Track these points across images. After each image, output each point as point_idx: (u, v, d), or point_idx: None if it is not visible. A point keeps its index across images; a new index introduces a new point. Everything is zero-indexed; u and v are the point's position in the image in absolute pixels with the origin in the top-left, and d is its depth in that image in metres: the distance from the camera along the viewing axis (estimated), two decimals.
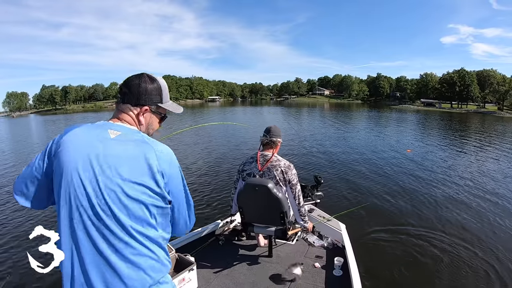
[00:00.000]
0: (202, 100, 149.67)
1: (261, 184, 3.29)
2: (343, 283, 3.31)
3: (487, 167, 13.26)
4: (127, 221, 1.38)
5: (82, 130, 1.49)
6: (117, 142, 1.45)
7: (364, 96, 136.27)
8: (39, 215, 8.10)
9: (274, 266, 3.72)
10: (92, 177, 1.38)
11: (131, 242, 1.39)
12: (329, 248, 4.17)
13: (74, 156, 1.40)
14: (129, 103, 1.59)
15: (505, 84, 76.76)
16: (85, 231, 1.36)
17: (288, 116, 50.19)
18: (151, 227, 1.45)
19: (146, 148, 1.47)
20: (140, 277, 1.41)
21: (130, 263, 1.39)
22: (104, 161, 1.40)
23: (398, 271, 5.29)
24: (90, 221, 1.36)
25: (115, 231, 1.37)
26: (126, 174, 1.39)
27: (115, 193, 1.37)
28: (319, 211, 4.96)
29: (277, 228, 3.56)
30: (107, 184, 1.37)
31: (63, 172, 1.40)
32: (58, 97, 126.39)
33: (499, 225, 7.19)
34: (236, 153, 16.23)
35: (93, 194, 1.37)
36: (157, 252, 1.48)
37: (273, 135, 3.66)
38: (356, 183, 10.34)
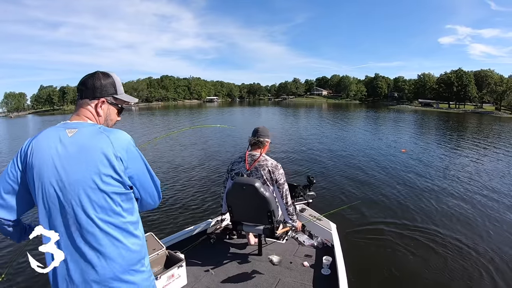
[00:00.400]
0: (200, 100, 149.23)
1: (249, 183, 3.33)
2: (330, 282, 3.34)
3: (483, 167, 13.34)
4: (93, 212, 1.46)
5: (43, 135, 1.58)
6: (74, 139, 1.53)
7: (362, 97, 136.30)
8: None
9: (263, 264, 3.76)
10: (57, 179, 1.47)
11: (97, 233, 1.47)
12: (319, 247, 4.21)
13: (39, 162, 1.50)
14: (87, 98, 1.70)
15: (503, 84, 76.77)
16: (61, 229, 1.47)
17: (286, 116, 50.17)
18: (116, 214, 1.53)
19: (101, 139, 1.53)
20: (109, 265, 1.49)
21: (99, 253, 1.47)
22: (64, 160, 1.49)
23: (386, 270, 5.33)
24: (64, 219, 1.47)
25: (84, 224, 1.45)
26: (84, 169, 1.47)
27: (78, 189, 1.46)
28: (310, 211, 4.98)
29: (265, 227, 3.59)
30: (70, 182, 1.46)
31: (34, 178, 1.50)
32: (56, 98, 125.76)
33: (494, 224, 7.24)
34: (228, 153, 16.29)
35: (61, 194, 1.46)
36: (124, 241, 1.54)
37: (261, 135, 3.71)
38: (350, 183, 10.40)
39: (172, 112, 64.87)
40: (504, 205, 8.49)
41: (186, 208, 8.05)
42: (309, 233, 4.58)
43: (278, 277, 3.47)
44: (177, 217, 7.57)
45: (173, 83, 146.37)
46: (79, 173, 1.47)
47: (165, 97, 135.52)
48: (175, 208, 8.09)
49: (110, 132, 1.59)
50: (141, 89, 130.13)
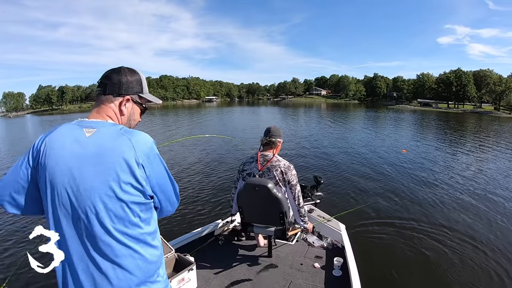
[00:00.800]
0: (199, 100, 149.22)
1: (261, 184, 3.28)
2: (342, 284, 3.30)
3: (485, 166, 13.34)
4: (109, 222, 1.36)
5: (58, 133, 1.47)
6: (92, 141, 1.42)
7: (361, 96, 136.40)
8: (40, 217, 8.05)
9: (274, 266, 3.72)
10: (72, 183, 1.37)
11: (114, 244, 1.37)
12: (329, 248, 4.17)
13: (52, 162, 1.39)
14: (111, 94, 1.58)
15: (502, 84, 76.79)
16: (73, 236, 1.36)
17: (286, 116, 50.16)
18: (134, 225, 1.42)
19: (122, 142, 1.42)
20: (126, 277, 1.40)
21: (116, 264, 1.37)
22: (80, 163, 1.38)
23: (398, 271, 5.29)
24: (76, 227, 1.36)
25: (98, 233, 1.35)
26: (102, 174, 1.37)
27: (94, 196, 1.35)
28: (319, 212, 4.96)
29: (276, 228, 3.55)
30: (85, 187, 1.36)
31: (46, 179, 1.39)
32: (55, 97, 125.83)
33: (503, 224, 7.21)
34: (236, 153, 16.20)
35: (75, 200, 1.36)
36: (142, 252, 1.44)
37: (273, 135, 3.66)
38: (356, 184, 10.35)
39: (171, 112, 64.80)
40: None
41: (193, 209, 8.00)
42: (318, 234, 4.54)
43: (290, 279, 3.43)
44: (183, 219, 7.52)
45: (172, 83, 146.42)
46: (96, 179, 1.36)
47: (164, 97, 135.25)
48: (182, 209, 8.01)
49: (132, 134, 1.46)
50: None
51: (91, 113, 1.60)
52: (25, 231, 7.27)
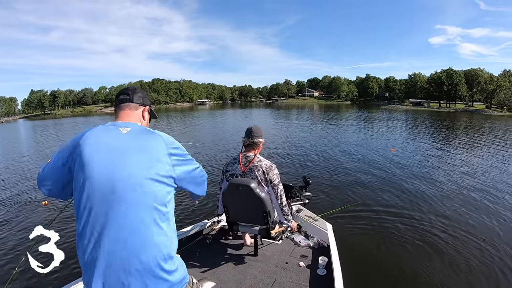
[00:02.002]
0: (192, 103, 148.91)
1: (244, 184, 3.33)
2: (326, 282, 3.32)
3: (475, 164, 13.40)
4: (150, 202, 1.57)
5: (97, 130, 1.72)
6: (130, 136, 1.70)
7: (353, 97, 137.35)
8: (38, 215, 8.23)
9: (259, 264, 3.74)
10: (113, 170, 1.56)
11: (150, 222, 1.56)
12: (315, 247, 4.21)
13: (94, 153, 1.59)
14: (137, 103, 1.97)
15: (493, 82, 77.70)
16: (108, 221, 1.51)
17: (278, 118, 50.30)
18: (163, 206, 1.64)
19: (155, 137, 1.73)
20: (154, 254, 1.55)
21: (145, 242, 1.54)
22: (121, 154, 1.61)
23: (383, 270, 5.31)
24: (111, 211, 1.51)
25: (133, 215, 1.53)
26: (145, 163, 1.61)
27: (138, 179, 1.56)
28: (306, 211, 5.01)
29: (261, 227, 3.60)
30: (130, 173, 1.56)
31: (85, 169, 1.55)
32: (47, 102, 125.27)
33: (492, 221, 7.22)
34: (223, 153, 16.20)
35: (116, 184, 1.54)
36: (166, 230, 1.65)
37: (255, 136, 3.67)
38: (344, 183, 10.38)
39: (164, 115, 64.70)
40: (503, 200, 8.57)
41: (182, 208, 7.91)
42: (305, 233, 4.57)
43: (274, 277, 3.45)
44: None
45: (164, 86, 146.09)
46: (139, 166, 1.59)
47: (156, 100, 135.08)
48: None
49: (159, 132, 1.79)
50: None
51: (119, 117, 1.93)
52: (25, 231, 7.30)
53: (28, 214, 8.35)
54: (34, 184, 11.62)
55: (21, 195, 10.41)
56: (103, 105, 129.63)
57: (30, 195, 10.22)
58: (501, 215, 7.53)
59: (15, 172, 14.48)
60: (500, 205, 8.17)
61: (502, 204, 8.25)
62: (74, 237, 5.42)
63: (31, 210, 8.86)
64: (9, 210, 8.88)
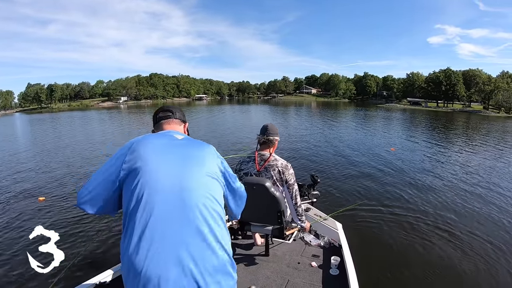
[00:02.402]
0: (189, 98, 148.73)
1: (259, 183, 3.23)
2: (339, 282, 3.30)
3: (480, 162, 13.50)
4: (209, 207, 1.60)
5: (152, 136, 1.80)
6: (187, 141, 1.82)
7: (351, 95, 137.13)
8: (38, 215, 8.07)
9: (271, 265, 3.70)
10: (175, 171, 1.60)
11: (208, 233, 1.55)
12: (326, 247, 4.17)
13: (157, 158, 1.62)
14: (179, 119, 2.09)
15: (491, 83, 77.95)
16: (165, 222, 1.50)
17: (277, 115, 50.37)
18: (221, 208, 1.70)
19: (207, 146, 1.85)
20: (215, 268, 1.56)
21: (212, 246, 1.55)
22: (186, 159, 1.67)
23: (396, 270, 5.25)
24: (171, 212, 1.52)
25: (198, 217, 1.54)
26: (207, 166, 1.71)
27: (198, 184, 1.61)
28: (315, 210, 4.95)
29: (274, 227, 3.54)
30: (190, 176, 1.62)
31: (142, 171, 1.57)
32: (44, 96, 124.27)
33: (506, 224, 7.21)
34: (224, 152, 16.04)
35: (185, 185, 1.58)
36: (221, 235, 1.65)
37: (270, 134, 3.56)
38: (352, 182, 10.37)
39: None
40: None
41: None
42: (315, 233, 4.55)
43: (287, 278, 3.42)
44: None
45: (162, 81, 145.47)
46: (200, 169, 1.67)
47: (154, 95, 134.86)
48: None
49: (209, 144, 1.91)
50: (130, 87, 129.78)
51: (165, 129, 2.00)
52: (22, 230, 7.22)
53: (27, 214, 8.22)
54: (30, 180, 11.51)
55: (17, 191, 10.28)
56: (100, 99, 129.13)
57: (26, 192, 10.10)
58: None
59: (11, 168, 14.38)
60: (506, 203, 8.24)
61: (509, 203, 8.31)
62: (74, 237, 5.29)
63: (27, 207, 8.76)
64: (9, 210, 8.69)
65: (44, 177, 12.01)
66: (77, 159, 15.59)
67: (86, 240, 6.55)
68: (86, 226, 7.18)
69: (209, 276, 1.50)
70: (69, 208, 8.33)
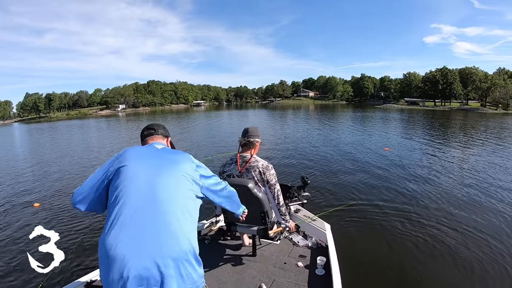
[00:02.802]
0: (187, 105, 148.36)
1: (241, 184, 3.32)
2: (324, 282, 3.34)
3: (473, 161, 13.52)
4: (181, 204, 1.87)
5: (137, 146, 2.16)
6: (165, 149, 2.17)
7: (348, 97, 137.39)
8: (38, 215, 8.19)
9: (258, 265, 3.76)
10: (152, 173, 1.88)
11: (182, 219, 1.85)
12: (313, 247, 4.23)
13: (137, 161, 1.94)
14: (161, 135, 2.43)
15: (487, 81, 78.08)
16: (137, 211, 1.74)
17: (274, 118, 50.31)
18: (193, 203, 2.01)
19: (184, 154, 2.13)
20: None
21: (176, 235, 1.77)
22: (161, 161, 1.99)
23: (381, 270, 5.29)
24: (143, 203, 1.77)
25: (161, 212, 1.77)
26: (180, 167, 1.98)
27: (169, 181, 1.89)
28: (305, 211, 5.01)
29: (259, 228, 3.61)
30: (163, 173, 1.90)
31: (128, 174, 1.86)
32: (42, 105, 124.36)
33: (488, 217, 7.26)
34: (220, 155, 16.05)
35: (155, 189, 1.82)
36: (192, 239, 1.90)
37: (251, 136, 3.67)
38: (341, 183, 10.39)
39: (159, 117, 64.61)
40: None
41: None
42: (304, 233, 4.60)
43: (273, 278, 3.47)
44: None
45: (160, 88, 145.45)
46: (179, 171, 1.95)
47: (152, 102, 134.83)
48: None
49: (185, 152, 2.17)
50: (127, 94, 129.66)
51: (148, 143, 2.32)
52: (25, 231, 7.26)
53: (27, 214, 8.36)
54: (27, 187, 11.57)
55: (14, 197, 10.34)
56: (98, 108, 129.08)
57: (23, 198, 10.18)
58: (501, 210, 7.60)
59: (9, 175, 14.39)
60: (498, 200, 8.27)
61: (500, 199, 8.34)
62: (73, 237, 5.40)
63: (23, 212, 8.84)
64: (9, 210, 8.89)
65: (40, 184, 12.08)
66: (74, 167, 15.58)
67: (82, 241, 6.59)
68: (79, 230, 7.22)
69: (170, 261, 1.67)
70: (63, 212, 8.45)
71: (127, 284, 1.58)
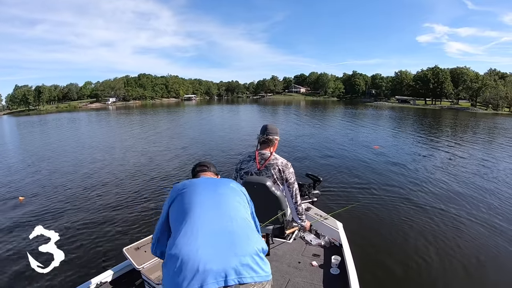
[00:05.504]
0: (178, 98, 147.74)
1: (260, 182, 3.27)
2: (340, 282, 3.32)
3: (483, 160, 13.71)
4: (240, 214, 2.00)
5: (195, 179, 2.37)
6: (221, 180, 2.35)
7: (340, 94, 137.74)
8: (38, 215, 8.03)
9: (272, 264, 3.65)
10: (214, 189, 2.10)
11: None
12: (326, 246, 4.20)
13: (195, 185, 2.11)
14: (212, 172, 2.71)
15: (478, 81, 78.92)
16: (205, 223, 1.84)
17: (265, 114, 50.48)
18: (248, 214, 2.16)
19: (233, 181, 2.33)
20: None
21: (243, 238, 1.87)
22: (218, 182, 2.27)
23: (397, 268, 5.23)
24: (210, 217, 1.89)
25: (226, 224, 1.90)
26: (238, 188, 2.24)
27: (228, 196, 2.09)
28: (316, 210, 4.96)
29: (275, 227, 3.54)
30: (225, 189, 2.14)
31: (190, 193, 2.02)
32: (31, 97, 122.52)
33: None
34: (215, 152, 16.11)
35: (220, 206, 1.99)
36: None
37: (270, 133, 3.55)
38: (352, 181, 10.40)
39: (150, 111, 64.33)
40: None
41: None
42: (316, 232, 4.58)
43: (288, 277, 3.45)
44: None
45: (151, 81, 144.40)
46: (232, 198, 2.11)
47: (142, 95, 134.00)
48: None
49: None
50: (118, 87, 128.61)
51: (201, 176, 2.59)
52: (25, 231, 7.12)
53: (27, 214, 8.16)
54: (13, 181, 11.42)
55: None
56: (89, 101, 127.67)
57: (8, 192, 10.08)
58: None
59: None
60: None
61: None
62: (73, 237, 5.21)
63: (6, 206, 8.79)
64: (9, 210, 8.68)
65: (26, 178, 12.06)
66: (63, 161, 15.43)
67: (82, 241, 6.47)
68: (70, 228, 7.11)
69: (247, 257, 1.73)
70: (48, 207, 8.46)
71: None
